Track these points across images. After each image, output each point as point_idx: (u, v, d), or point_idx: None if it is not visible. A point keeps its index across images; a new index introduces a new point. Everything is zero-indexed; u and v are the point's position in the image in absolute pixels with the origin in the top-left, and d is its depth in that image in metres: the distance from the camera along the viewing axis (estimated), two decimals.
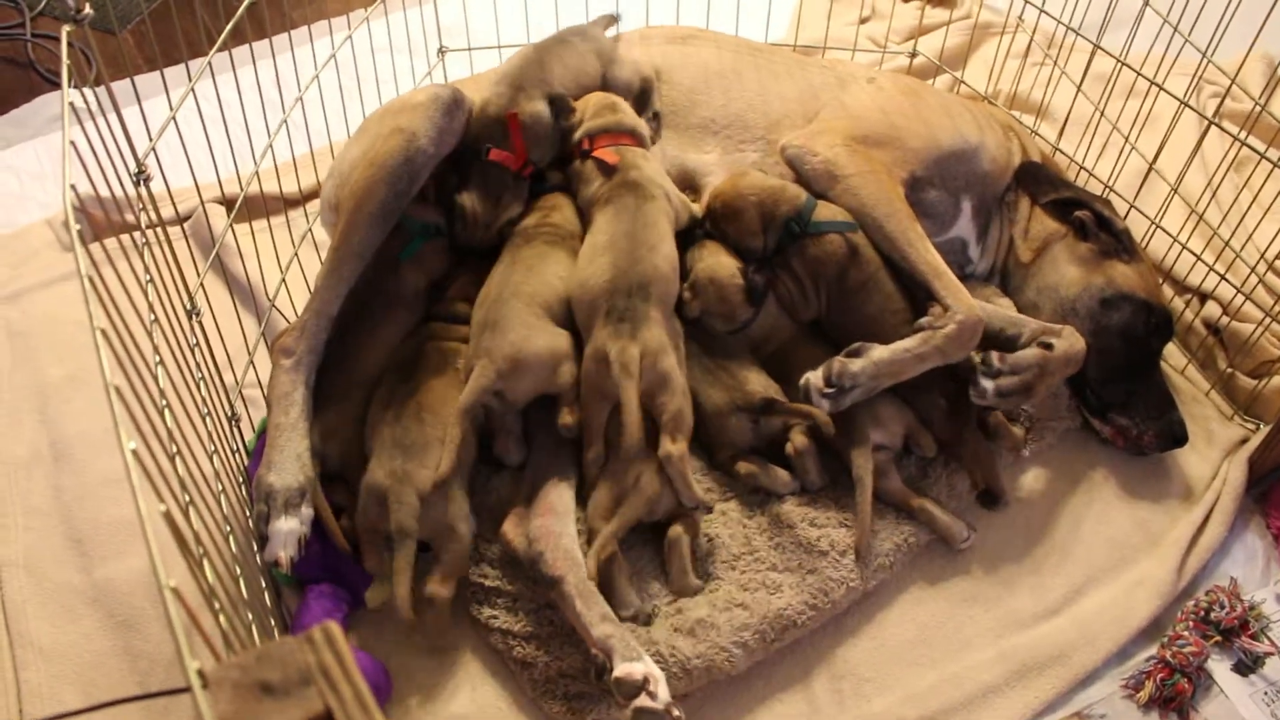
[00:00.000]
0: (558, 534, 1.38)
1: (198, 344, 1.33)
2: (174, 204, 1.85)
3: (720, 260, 1.58)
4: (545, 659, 1.35)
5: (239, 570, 1.17)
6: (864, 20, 2.48)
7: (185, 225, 1.90)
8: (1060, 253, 1.72)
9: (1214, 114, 1.69)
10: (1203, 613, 1.46)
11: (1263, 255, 1.66)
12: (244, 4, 1.53)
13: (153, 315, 1.16)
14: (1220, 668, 1.43)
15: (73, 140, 1.00)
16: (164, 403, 1.04)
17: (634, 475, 1.37)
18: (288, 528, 1.34)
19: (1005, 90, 2.21)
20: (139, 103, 1.32)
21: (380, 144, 1.56)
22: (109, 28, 2.45)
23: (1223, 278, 1.73)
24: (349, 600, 1.41)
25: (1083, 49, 1.90)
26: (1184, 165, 1.72)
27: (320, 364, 1.50)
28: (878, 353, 1.46)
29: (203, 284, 1.44)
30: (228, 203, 1.69)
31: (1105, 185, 1.87)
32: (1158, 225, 1.79)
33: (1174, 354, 1.79)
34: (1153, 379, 1.64)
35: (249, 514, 1.39)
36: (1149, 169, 1.78)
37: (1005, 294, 1.78)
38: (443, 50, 2.23)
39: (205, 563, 0.86)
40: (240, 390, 1.57)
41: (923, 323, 1.49)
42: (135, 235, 1.20)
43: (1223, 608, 1.45)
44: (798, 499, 1.50)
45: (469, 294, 1.57)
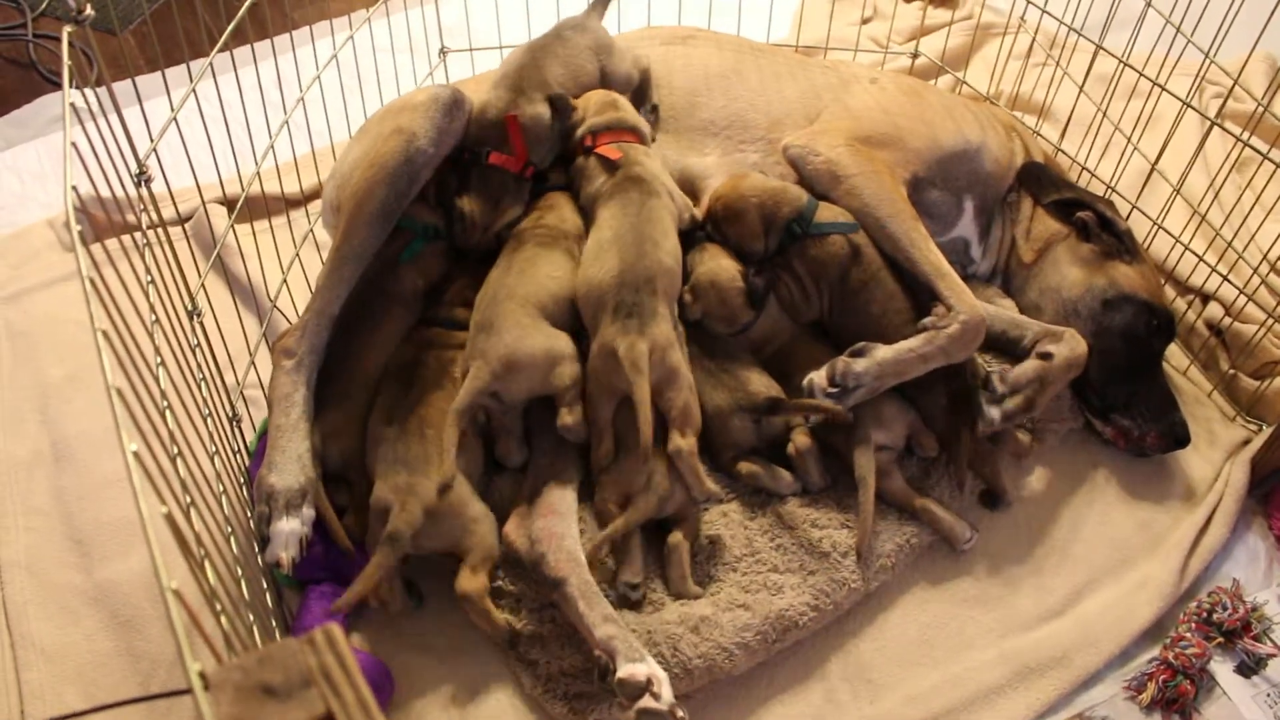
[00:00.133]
0: (560, 535, 1.38)
1: (199, 344, 1.33)
2: (175, 204, 1.85)
3: (721, 263, 1.58)
4: (547, 659, 1.35)
5: (240, 571, 1.17)
6: (866, 20, 2.48)
7: (186, 225, 1.90)
8: (1062, 253, 1.72)
9: (1216, 115, 1.69)
10: (1205, 614, 1.46)
11: (1265, 256, 1.66)
12: (245, 4, 1.53)
13: (154, 316, 1.16)
14: (1223, 669, 1.43)
15: (74, 141, 1.00)
16: (165, 403, 1.04)
17: (645, 472, 1.38)
18: (289, 529, 1.34)
19: (1007, 91, 2.21)
20: (140, 103, 1.32)
21: (380, 145, 1.56)
22: (110, 28, 2.46)
23: (1225, 279, 1.73)
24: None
25: (1085, 49, 1.89)
26: (1186, 166, 1.72)
27: (321, 364, 1.50)
28: (881, 353, 1.46)
29: (204, 284, 1.44)
30: (229, 203, 1.69)
31: (1107, 186, 1.87)
32: (1160, 226, 1.79)
33: (1176, 355, 1.79)
34: (1155, 380, 1.64)
35: (250, 515, 1.39)
36: (1151, 170, 1.78)
37: (1007, 294, 1.78)
38: (444, 50, 2.23)
39: (206, 564, 0.86)
40: (242, 391, 1.57)
41: (926, 323, 1.49)
42: (136, 236, 1.20)
43: (1225, 609, 1.45)
44: (800, 500, 1.50)
45: (467, 298, 1.56)
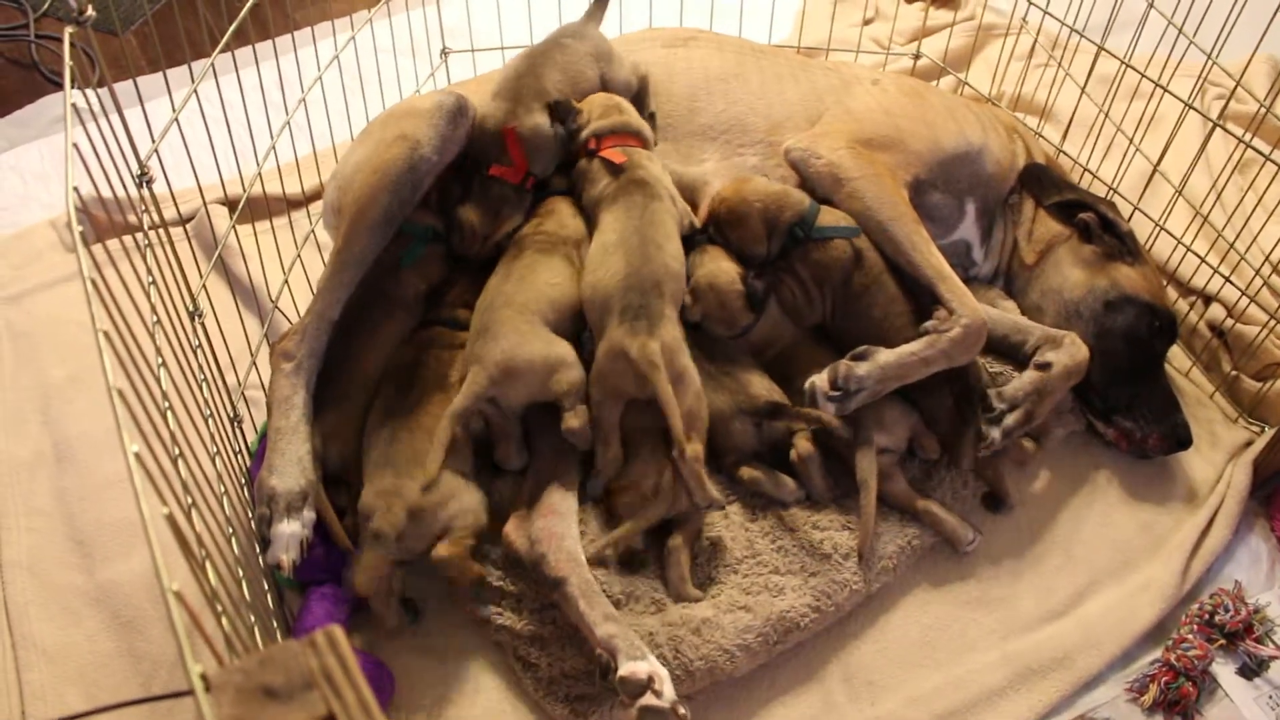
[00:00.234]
0: (560, 535, 1.38)
1: (200, 345, 1.33)
2: (176, 205, 1.85)
3: (720, 266, 1.58)
4: (548, 660, 1.35)
5: (241, 572, 1.17)
6: (868, 22, 2.48)
7: (188, 226, 1.90)
8: (1064, 255, 1.72)
9: (1218, 116, 1.69)
10: (1207, 616, 1.46)
11: (1267, 258, 1.66)
12: (247, 4, 1.53)
13: (155, 317, 1.16)
14: (1225, 671, 1.43)
15: (75, 142, 1.00)
16: (166, 404, 1.04)
17: (656, 473, 1.38)
18: (289, 531, 1.34)
19: (1009, 92, 2.21)
20: (141, 104, 1.32)
21: (384, 151, 1.56)
22: (112, 29, 2.46)
23: (1227, 280, 1.72)
24: (351, 601, 1.40)
25: (1087, 50, 1.89)
26: (1188, 167, 1.72)
27: (320, 367, 1.50)
28: (884, 356, 1.46)
29: (205, 285, 1.44)
30: (230, 203, 1.69)
31: (1109, 187, 1.86)
32: (1162, 228, 1.78)
33: (1178, 356, 1.78)
34: (1157, 382, 1.63)
35: (251, 515, 1.39)
36: (1153, 171, 1.78)
37: (1009, 296, 1.77)
38: (445, 51, 2.23)
39: (208, 565, 0.86)
40: (243, 392, 1.57)
41: (928, 326, 1.49)
42: (138, 236, 1.20)
43: (1227, 611, 1.45)
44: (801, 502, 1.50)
45: (468, 300, 1.56)
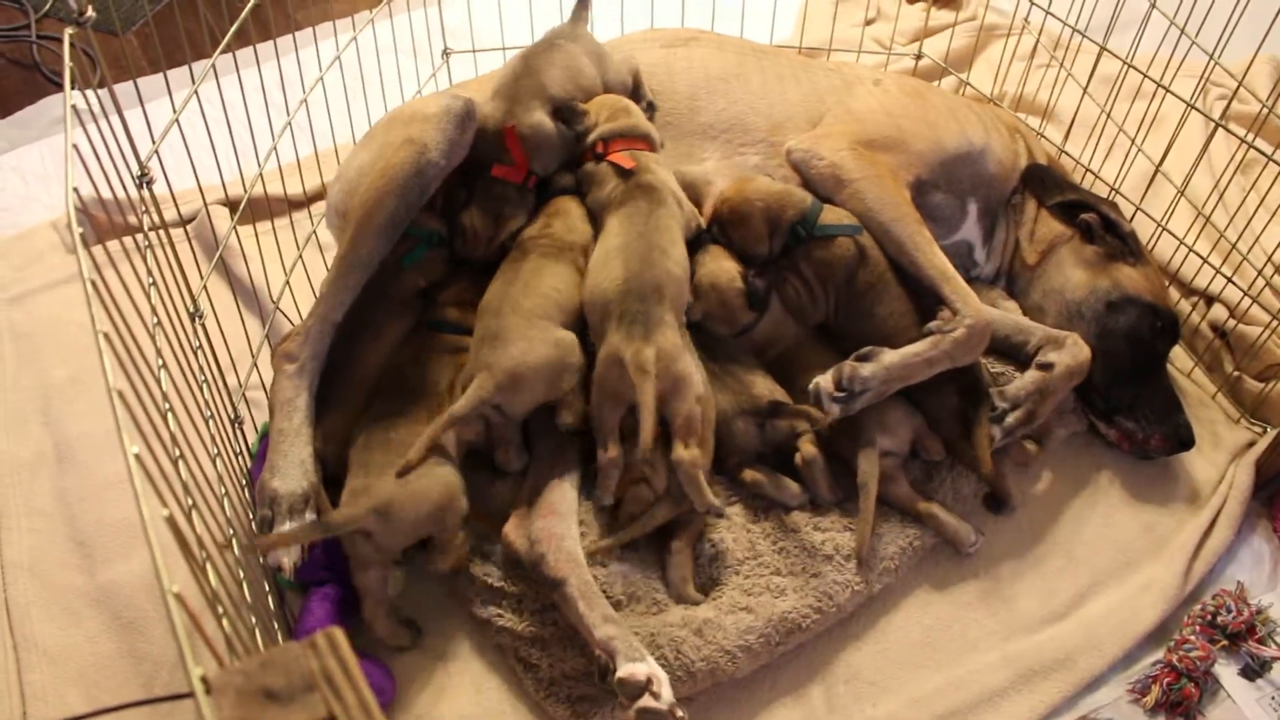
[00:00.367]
0: (560, 535, 1.38)
1: (200, 346, 1.33)
2: (177, 206, 1.85)
3: (721, 265, 1.58)
4: (549, 662, 1.35)
5: (242, 573, 1.17)
6: (869, 22, 2.48)
7: (189, 227, 1.90)
8: (1066, 255, 1.72)
9: (1221, 116, 1.69)
10: (1209, 617, 1.45)
11: (1270, 258, 1.65)
12: (248, 5, 1.53)
13: (155, 318, 1.16)
14: (1227, 672, 1.43)
15: (75, 143, 1.00)
16: (167, 405, 1.04)
17: (647, 468, 1.39)
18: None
19: (1011, 92, 2.21)
20: (142, 104, 1.32)
21: (391, 154, 1.55)
22: (112, 29, 2.46)
23: (1229, 280, 1.72)
24: (352, 602, 1.40)
25: (1089, 51, 1.89)
26: (1190, 167, 1.72)
27: (323, 369, 1.50)
28: (888, 357, 1.46)
29: (205, 286, 1.44)
30: (231, 204, 1.69)
31: (1111, 188, 1.86)
32: (1164, 228, 1.78)
33: (1180, 357, 1.78)
34: (1159, 382, 1.63)
35: (252, 517, 1.39)
36: (1155, 171, 1.77)
37: (1011, 297, 1.77)
38: (447, 52, 2.23)
39: (208, 566, 0.86)
40: (244, 393, 1.57)
41: (932, 327, 1.49)
42: (138, 237, 1.20)
43: (1229, 612, 1.45)
44: None
45: (463, 299, 1.56)
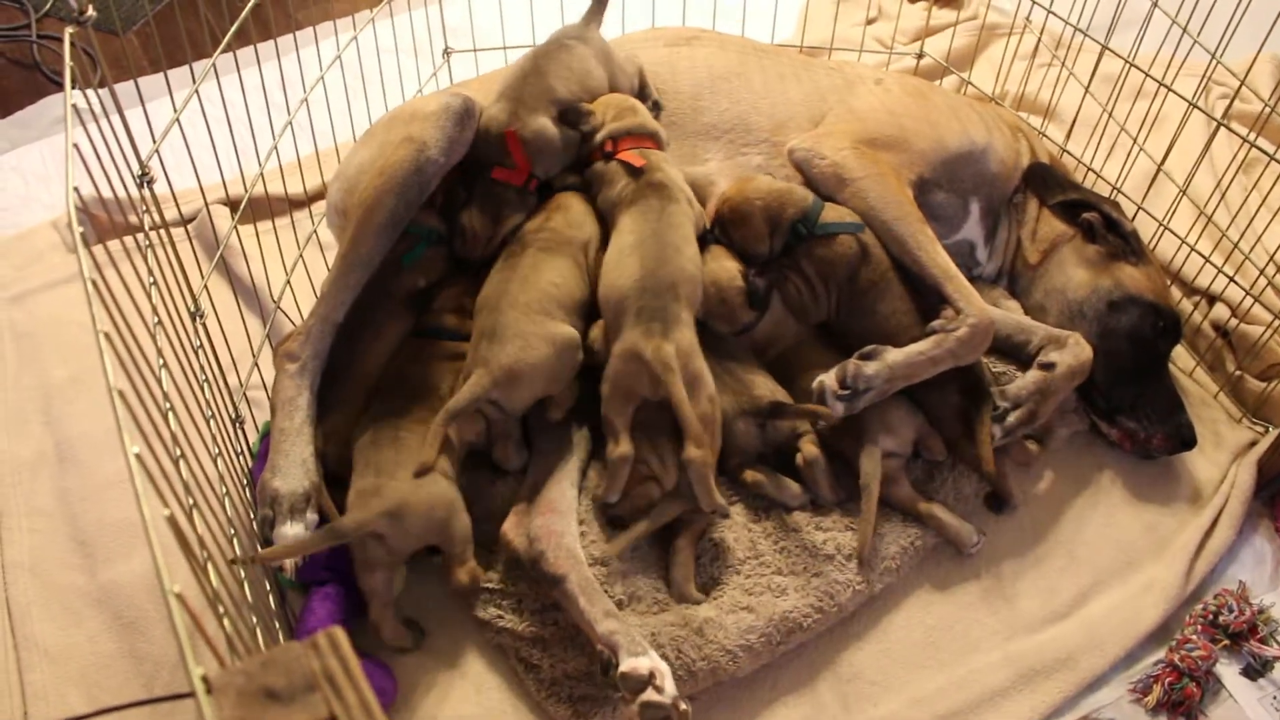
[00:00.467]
0: (559, 533, 1.38)
1: (201, 346, 1.33)
2: (178, 205, 1.85)
3: (722, 264, 1.58)
4: (551, 662, 1.35)
5: (243, 573, 1.17)
6: (871, 21, 2.47)
7: (189, 227, 1.90)
8: (1068, 255, 1.71)
9: (1223, 115, 1.69)
10: (1211, 616, 1.45)
11: (1272, 258, 1.65)
12: (249, 4, 1.53)
13: (156, 317, 1.16)
14: (1229, 672, 1.43)
15: (76, 142, 1.00)
16: (168, 405, 1.04)
17: (673, 475, 1.39)
18: (292, 533, 1.34)
19: (1012, 91, 2.20)
20: (143, 104, 1.31)
21: (390, 153, 1.55)
22: (113, 29, 2.46)
23: (1231, 279, 1.72)
24: (354, 602, 1.40)
25: (1090, 50, 1.89)
26: (1192, 167, 1.71)
27: (324, 368, 1.50)
28: (892, 355, 1.46)
29: (206, 285, 1.43)
30: (232, 204, 1.69)
31: (1113, 187, 1.86)
32: (1166, 227, 1.78)
33: (1182, 356, 1.78)
34: (1161, 382, 1.63)
35: (253, 516, 1.39)
36: (1157, 170, 1.77)
37: (1013, 296, 1.77)
38: (448, 51, 2.23)
39: (209, 566, 0.85)
40: (245, 392, 1.57)
41: (935, 325, 1.49)
42: (139, 237, 1.20)
43: (1231, 611, 1.45)
44: None
45: (459, 304, 1.56)
